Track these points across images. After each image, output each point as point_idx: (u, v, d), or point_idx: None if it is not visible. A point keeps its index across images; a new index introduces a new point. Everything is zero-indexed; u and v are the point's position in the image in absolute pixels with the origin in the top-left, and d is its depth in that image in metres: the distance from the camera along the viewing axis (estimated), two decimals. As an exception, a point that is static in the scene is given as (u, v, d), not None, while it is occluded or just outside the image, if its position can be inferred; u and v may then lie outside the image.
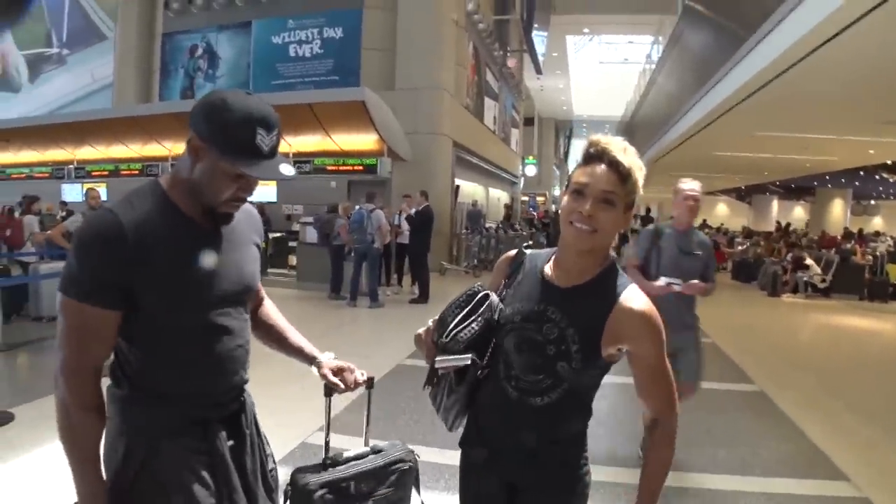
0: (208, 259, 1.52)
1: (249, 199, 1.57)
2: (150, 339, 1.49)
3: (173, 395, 1.52)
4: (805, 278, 14.16)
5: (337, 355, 1.91)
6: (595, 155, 1.50)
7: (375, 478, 1.79)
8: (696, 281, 3.67)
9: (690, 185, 3.74)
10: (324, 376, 1.84)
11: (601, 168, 1.48)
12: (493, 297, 1.65)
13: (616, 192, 1.47)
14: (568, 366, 1.52)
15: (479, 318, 1.60)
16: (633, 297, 1.52)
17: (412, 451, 1.91)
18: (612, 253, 1.64)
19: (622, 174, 1.47)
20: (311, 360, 1.88)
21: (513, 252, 1.78)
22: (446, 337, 1.59)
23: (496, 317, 1.63)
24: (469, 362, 1.58)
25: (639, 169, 1.50)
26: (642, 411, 1.52)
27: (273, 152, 1.48)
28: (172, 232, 1.47)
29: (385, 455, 1.85)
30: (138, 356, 1.49)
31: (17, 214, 10.29)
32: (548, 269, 1.63)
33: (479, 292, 1.65)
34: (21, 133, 18.29)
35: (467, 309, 1.62)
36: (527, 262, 1.71)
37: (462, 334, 1.58)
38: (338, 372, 1.85)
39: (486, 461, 1.69)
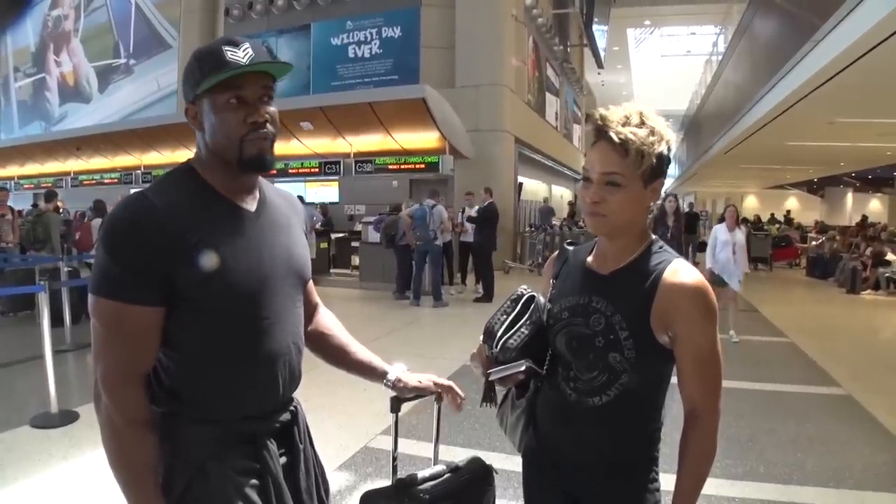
0: (251, 239, 1.36)
1: (308, 201, 1.32)
2: (193, 337, 1.30)
3: (219, 406, 1.33)
4: (887, 274, 13.31)
5: (401, 356, 1.75)
6: (595, 132, 1.41)
7: (452, 501, 1.61)
8: None
9: None
10: (415, 392, 1.66)
11: (601, 147, 1.39)
12: (540, 298, 1.57)
13: (618, 172, 1.36)
14: (620, 356, 1.39)
15: (528, 322, 1.52)
16: (679, 269, 1.39)
17: (491, 469, 1.71)
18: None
19: (621, 149, 1.35)
20: (381, 376, 1.67)
21: (556, 252, 1.72)
22: (496, 347, 1.50)
23: (545, 317, 1.54)
24: (523, 368, 1.47)
25: (646, 137, 1.35)
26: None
27: (253, 62, 1.30)
28: (210, 213, 1.32)
29: (463, 475, 1.65)
30: (179, 360, 1.31)
31: (86, 219, 10.49)
32: (590, 259, 1.55)
33: (524, 295, 1.56)
34: (91, 141, 18.79)
35: (513, 314, 1.54)
36: (570, 258, 1.63)
37: (511, 342, 1.49)
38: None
39: (548, 472, 1.59)
